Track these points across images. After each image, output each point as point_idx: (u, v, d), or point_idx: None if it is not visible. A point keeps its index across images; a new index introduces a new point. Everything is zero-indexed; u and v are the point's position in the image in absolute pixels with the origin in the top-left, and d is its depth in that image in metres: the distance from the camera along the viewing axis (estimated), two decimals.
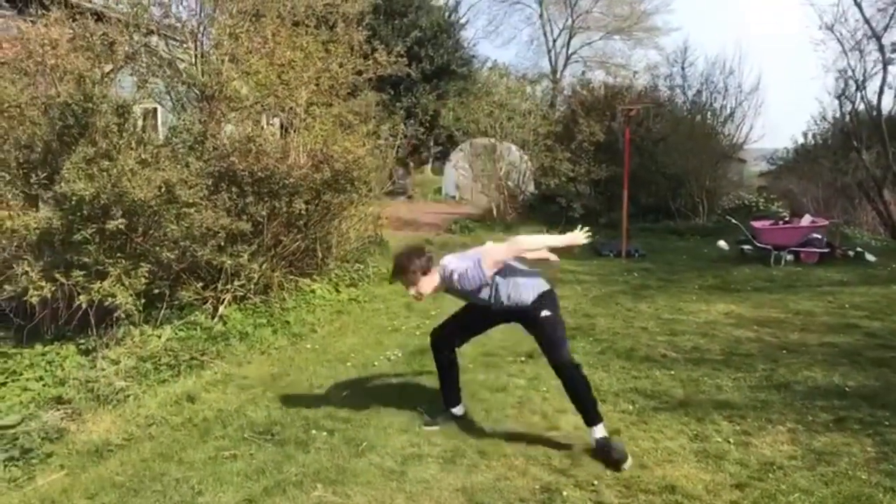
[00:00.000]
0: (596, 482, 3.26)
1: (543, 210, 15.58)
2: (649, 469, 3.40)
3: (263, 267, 6.09)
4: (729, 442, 3.73)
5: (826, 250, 9.93)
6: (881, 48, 14.17)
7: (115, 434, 3.74)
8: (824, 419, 4.04)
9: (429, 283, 3.62)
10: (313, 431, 3.83)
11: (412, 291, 3.63)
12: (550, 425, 3.98)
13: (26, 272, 4.42)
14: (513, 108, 15.75)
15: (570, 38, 35.22)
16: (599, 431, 3.53)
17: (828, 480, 3.26)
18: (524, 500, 3.09)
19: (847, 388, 4.57)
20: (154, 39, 7.58)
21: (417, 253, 3.67)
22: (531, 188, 16.74)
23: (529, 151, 15.71)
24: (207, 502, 3.05)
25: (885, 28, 14.25)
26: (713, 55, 37.77)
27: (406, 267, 3.60)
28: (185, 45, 7.96)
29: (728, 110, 17.04)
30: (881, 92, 14.21)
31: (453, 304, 4.10)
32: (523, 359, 5.22)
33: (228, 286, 5.81)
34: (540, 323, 3.63)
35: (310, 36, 7.83)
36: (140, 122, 5.51)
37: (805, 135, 20.79)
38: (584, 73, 21.58)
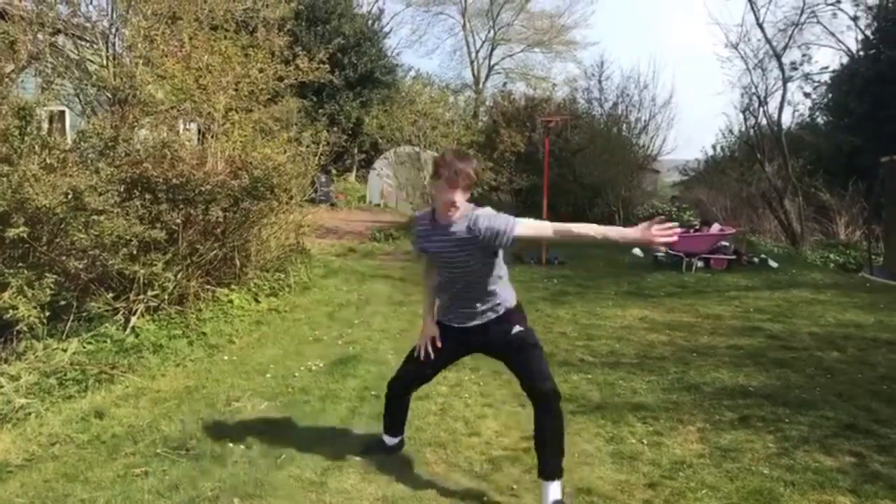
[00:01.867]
0: (515, 486, 3.32)
1: None
2: (567, 471, 3.44)
3: (178, 276, 5.89)
4: (643, 443, 3.86)
5: (733, 257, 10.46)
6: (781, 66, 15.10)
7: (15, 454, 3.53)
8: (730, 418, 4.25)
9: (464, 199, 2.96)
10: (230, 445, 3.73)
11: (454, 197, 2.89)
12: (472, 431, 4.02)
13: None
14: (436, 118, 15.87)
15: (493, 49, 35.85)
16: (557, 491, 3.10)
17: (733, 476, 3.43)
18: None
19: (751, 388, 4.82)
20: (61, 39, 7.25)
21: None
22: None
23: None
24: None
25: (785, 47, 15.25)
26: (629, 69, 39.17)
27: (466, 168, 2.90)
28: (95, 47, 7.65)
29: (642, 123, 17.73)
30: (781, 108, 15.15)
31: (381, 319, 4.07)
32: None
33: (141, 296, 5.59)
34: (520, 337, 3.17)
35: (229, 40, 7.67)
36: (45, 126, 5.23)
37: (714, 147, 21.93)
38: (505, 84, 22.00)
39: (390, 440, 3.66)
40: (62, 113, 9.54)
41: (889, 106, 16.75)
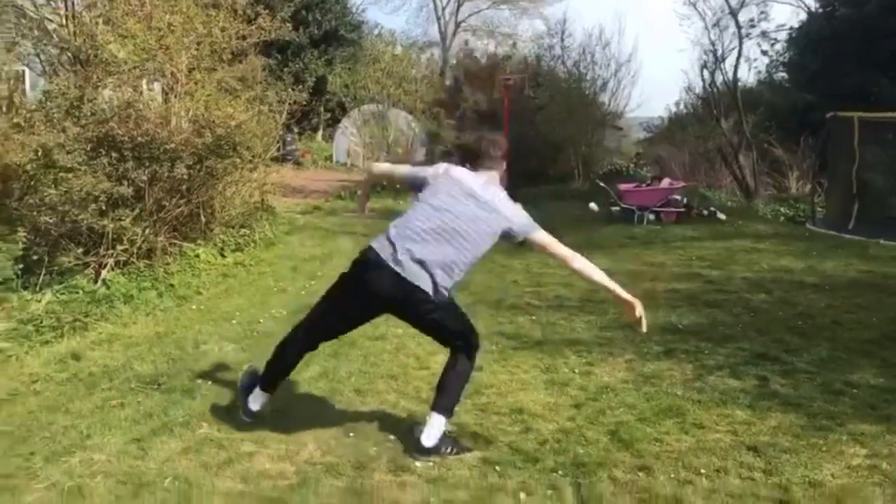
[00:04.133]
0: (456, 409, 3.72)
1: None
2: (503, 396, 3.91)
3: (146, 231, 6.16)
4: (574, 372, 4.30)
5: (683, 210, 10.95)
6: (737, 24, 15.44)
7: None
8: (656, 351, 4.70)
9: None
10: (199, 381, 4.08)
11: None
12: (422, 366, 4.42)
13: None
14: (401, 76, 16.02)
15: (459, 6, 35.51)
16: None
17: (650, 397, 3.88)
18: (395, 426, 3.51)
19: (680, 326, 5.30)
20: None
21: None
22: (420, 155, 17.14)
23: (417, 118, 16.07)
24: (96, 444, 3.26)
25: (742, 5, 15.53)
26: (591, 26, 38.95)
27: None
28: (53, 5, 7.70)
29: (603, 80, 18.01)
30: (737, 65, 15.55)
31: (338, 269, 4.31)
32: None
33: (110, 251, 5.86)
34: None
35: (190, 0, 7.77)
36: (12, 85, 5.40)
37: (677, 104, 22.30)
38: (466, 42, 22.03)
39: (255, 404, 3.43)
40: (22, 73, 9.56)
41: (842, 63, 17.24)
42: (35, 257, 5.36)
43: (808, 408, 3.69)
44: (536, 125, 15.71)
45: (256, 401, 3.43)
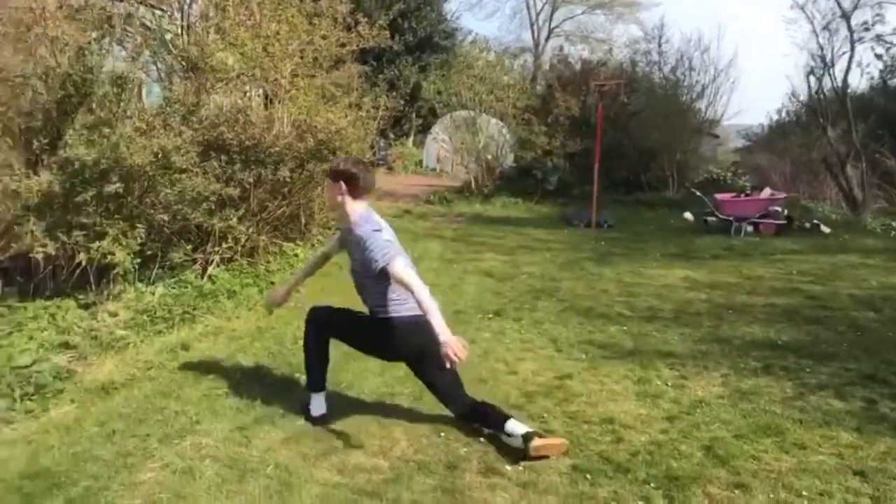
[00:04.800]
0: (546, 415, 3.74)
1: (521, 182, 15.99)
2: (593, 406, 3.88)
3: (250, 231, 6.48)
4: (667, 384, 4.22)
5: (784, 222, 10.49)
6: (850, 27, 14.63)
7: (118, 375, 4.15)
8: (754, 367, 4.55)
9: (347, 201, 3.42)
10: (297, 375, 4.27)
11: (326, 196, 3.63)
12: (511, 370, 4.45)
13: (31, 231, 4.78)
14: (493, 82, 16.07)
15: (553, 11, 35.34)
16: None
17: (746, 414, 3.77)
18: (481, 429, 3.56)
19: (780, 342, 5.09)
20: (141, 10, 7.84)
21: (358, 163, 3.51)
22: (509, 161, 17.15)
23: (508, 125, 16.10)
24: (204, 429, 3.48)
25: (854, 7, 14.70)
26: (689, 31, 37.95)
27: (336, 167, 3.49)
28: (170, 16, 8.22)
29: (701, 86, 17.47)
30: (847, 70, 14.71)
31: (433, 274, 4.44)
32: (490, 316, 5.70)
33: (217, 248, 6.20)
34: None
35: (294, 8, 8.11)
36: (135, 92, 5.82)
37: (779, 112, 21.35)
38: (561, 47, 21.84)
39: (317, 407, 3.67)
40: (141, 80, 10.22)
41: None
42: (149, 252, 5.73)
43: None
44: (630, 132, 15.42)
45: (317, 407, 3.67)
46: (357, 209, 3.43)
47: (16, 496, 2.85)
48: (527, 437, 3.19)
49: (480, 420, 3.47)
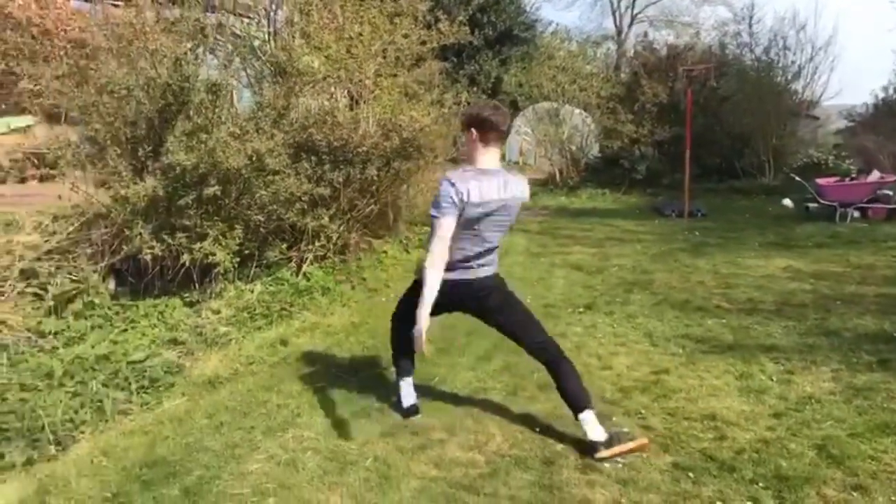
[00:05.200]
0: (643, 411, 3.64)
1: (607, 172, 15.67)
2: (693, 401, 3.75)
3: (341, 229, 6.63)
4: (772, 380, 4.03)
5: (894, 206, 9.82)
6: None
7: (223, 370, 4.34)
8: (868, 361, 4.27)
9: (478, 148, 3.22)
10: (392, 369, 4.31)
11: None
12: (604, 366, 4.36)
13: (140, 234, 5.06)
14: (576, 72, 15.80)
15: None
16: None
17: (862, 411, 3.55)
18: (579, 424, 3.50)
19: (895, 335, 4.76)
20: (231, 19, 8.15)
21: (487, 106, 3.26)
22: (594, 151, 16.82)
23: (592, 114, 15.79)
24: (305, 422, 3.59)
25: None
26: (783, 9, 36.04)
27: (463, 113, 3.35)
28: (258, 23, 8.51)
29: (797, 66, 16.57)
30: None
31: (520, 268, 4.39)
32: (581, 310, 5.61)
33: (310, 246, 6.38)
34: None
35: (376, 9, 8.22)
36: (228, 98, 6.06)
37: (885, 89, 20.01)
38: (646, 33, 21.19)
39: (408, 397, 3.71)
40: (233, 86, 10.64)
41: None
42: (247, 252, 5.96)
43: None
44: (721, 117, 14.81)
45: (407, 396, 3.70)
46: (477, 158, 3.22)
47: (136, 484, 3.02)
48: (605, 443, 3.13)
49: (556, 378, 3.31)
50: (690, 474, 2.96)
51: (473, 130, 3.17)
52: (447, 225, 3.04)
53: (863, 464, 2.99)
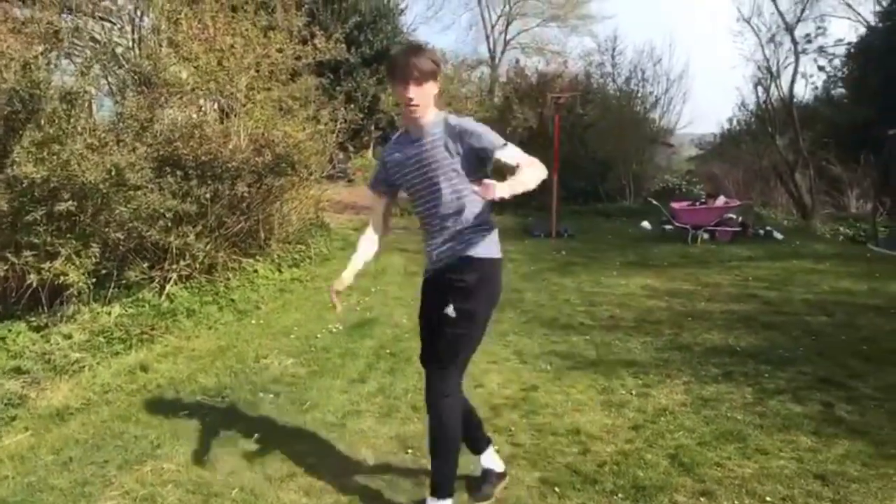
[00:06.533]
0: (512, 428, 3.74)
1: None
2: (559, 417, 3.90)
3: (208, 247, 6.36)
4: (631, 393, 4.26)
5: (738, 229, 10.75)
6: (794, 40, 15.13)
7: (74, 400, 4.02)
8: (714, 373, 4.62)
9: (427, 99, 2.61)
10: (260, 394, 4.20)
11: (408, 93, 2.55)
12: (477, 384, 4.43)
13: None
14: (451, 94, 16.13)
15: (508, 24, 35.68)
16: None
17: (709, 421, 3.82)
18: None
19: (738, 348, 5.19)
20: (90, 23, 7.65)
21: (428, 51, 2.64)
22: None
23: None
24: (166, 454, 3.39)
25: (798, 20, 15.21)
26: (642, 43, 38.72)
27: (417, 60, 2.55)
28: (121, 29, 8.05)
29: (655, 97, 17.85)
30: (793, 81, 15.18)
31: (396, 287, 4.41)
32: None
33: (174, 266, 6.07)
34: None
35: (249, 21, 8.02)
36: (85, 108, 5.68)
37: (730, 121, 21.92)
38: (517, 60, 22.04)
39: None
40: (91, 95, 9.98)
41: None
42: (104, 271, 5.58)
43: (876, 435, 3.58)
44: (587, 143, 15.65)
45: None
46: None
47: None
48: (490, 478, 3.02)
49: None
50: (556, 489, 3.06)
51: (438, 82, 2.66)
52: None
53: (710, 471, 3.21)
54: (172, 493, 3.00)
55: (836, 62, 19.70)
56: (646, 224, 12.12)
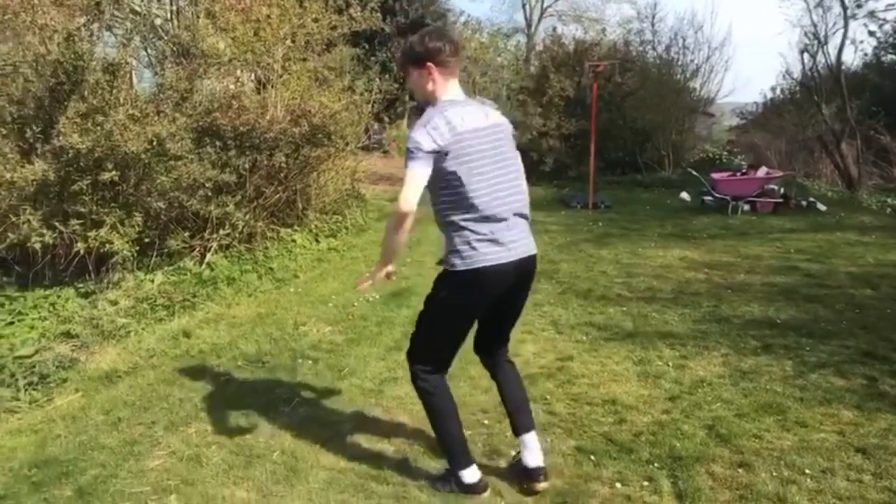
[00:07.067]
0: (548, 397, 3.75)
1: None
2: (595, 387, 3.90)
3: (247, 217, 6.45)
4: (668, 365, 4.23)
5: (780, 200, 10.50)
6: (843, 4, 14.57)
7: (122, 364, 4.16)
8: (754, 346, 4.56)
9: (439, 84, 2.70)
10: (299, 360, 4.28)
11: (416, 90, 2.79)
12: (513, 353, 4.40)
13: (28, 220, 4.75)
14: (486, 63, 15.99)
15: None
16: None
17: (747, 393, 3.78)
18: (486, 410, 3.58)
19: (778, 321, 5.10)
20: None
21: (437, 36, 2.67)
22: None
23: (502, 106, 16.02)
24: (209, 416, 3.49)
25: None
26: (682, 9, 37.70)
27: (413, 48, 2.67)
28: (160, 0, 8.12)
29: (695, 65, 17.41)
30: (841, 47, 14.65)
31: (431, 258, 4.42)
32: None
33: (215, 235, 6.18)
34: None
35: None
36: (126, 79, 5.76)
37: (773, 90, 21.30)
38: (555, 28, 21.69)
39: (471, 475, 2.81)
40: (132, 67, 10.12)
41: None
42: (147, 240, 5.71)
43: None
44: (625, 112, 15.40)
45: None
46: (440, 96, 2.72)
47: (25, 485, 2.86)
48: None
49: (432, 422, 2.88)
50: (592, 457, 3.08)
51: (430, 65, 2.65)
52: (420, 169, 2.72)
53: (748, 442, 3.19)
54: (217, 454, 3.10)
55: (888, 27, 18.91)
56: (685, 195, 11.91)
